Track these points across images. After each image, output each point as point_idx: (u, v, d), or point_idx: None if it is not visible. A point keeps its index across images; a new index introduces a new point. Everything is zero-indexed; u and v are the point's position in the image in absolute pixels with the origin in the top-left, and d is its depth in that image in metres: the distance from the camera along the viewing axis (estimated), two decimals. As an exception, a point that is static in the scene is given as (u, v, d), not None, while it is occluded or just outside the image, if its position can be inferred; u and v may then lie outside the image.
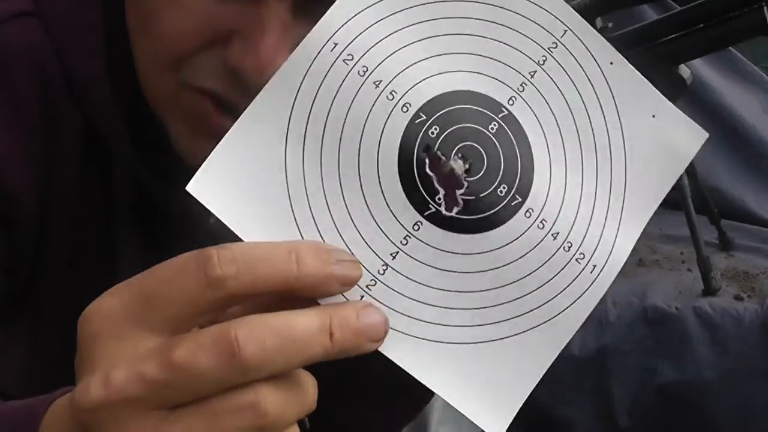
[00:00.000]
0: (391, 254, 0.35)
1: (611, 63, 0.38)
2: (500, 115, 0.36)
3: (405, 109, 0.35)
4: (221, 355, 0.28)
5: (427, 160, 0.35)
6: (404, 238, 0.35)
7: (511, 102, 0.37)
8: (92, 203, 0.49)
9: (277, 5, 0.39)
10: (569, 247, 0.37)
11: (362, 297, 0.34)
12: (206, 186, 0.32)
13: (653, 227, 1.50)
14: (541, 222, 0.37)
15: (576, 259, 0.38)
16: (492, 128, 0.36)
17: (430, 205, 0.35)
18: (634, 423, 1.24)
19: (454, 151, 0.35)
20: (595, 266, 0.38)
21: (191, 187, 0.32)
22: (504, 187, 0.36)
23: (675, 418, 1.23)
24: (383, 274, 0.35)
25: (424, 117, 0.35)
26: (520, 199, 0.36)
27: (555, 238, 0.37)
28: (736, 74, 1.66)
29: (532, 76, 0.37)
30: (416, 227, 0.35)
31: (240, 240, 0.32)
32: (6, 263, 0.47)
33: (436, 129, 0.35)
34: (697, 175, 1.34)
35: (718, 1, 1.10)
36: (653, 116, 0.39)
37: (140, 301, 0.30)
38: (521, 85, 0.37)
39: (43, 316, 0.50)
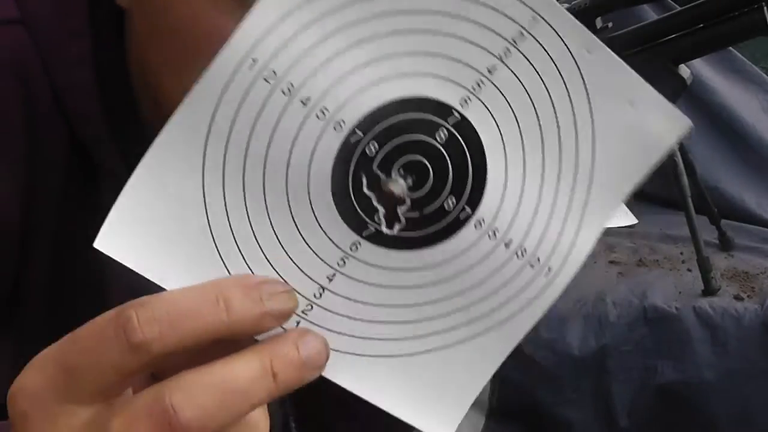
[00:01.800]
0: (327, 277, 0.32)
1: (587, 51, 0.33)
2: (451, 120, 0.32)
3: (338, 127, 0.31)
4: (158, 425, 0.26)
5: (364, 180, 0.31)
6: (341, 259, 0.32)
7: (464, 104, 0.32)
8: (78, 214, 0.48)
9: None
10: (523, 254, 0.35)
11: (298, 323, 0.32)
12: (115, 238, 0.29)
13: (653, 227, 1.50)
14: (492, 232, 0.34)
15: (530, 264, 0.35)
16: (440, 137, 0.32)
17: (369, 225, 0.32)
18: (634, 423, 1.24)
19: (395, 168, 0.32)
20: (550, 269, 0.35)
21: (98, 244, 0.29)
22: (452, 199, 0.33)
23: (675, 418, 1.23)
24: (320, 297, 0.32)
25: (360, 134, 0.31)
26: (469, 211, 0.33)
27: (507, 246, 0.34)
28: (736, 74, 1.66)
29: (491, 73, 0.32)
30: (354, 248, 0.32)
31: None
32: None
33: (374, 146, 0.31)
34: (697, 175, 1.34)
35: (718, 1, 1.10)
36: (630, 103, 0.35)
37: (63, 375, 0.28)
38: (477, 83, 0.32)
39: (27, 327, 0.49)
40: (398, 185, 0.32)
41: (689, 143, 1.36)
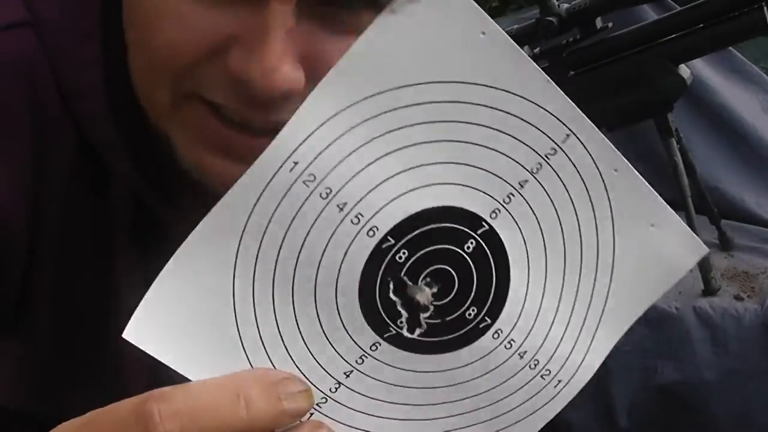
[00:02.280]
0: (344, 373, 0.33)
1: (615, 170, 0.34)
2: (479, 231, 0.33)
3: (371, 233, 0.31)
4: None
5: (391, 285, 0.32)
6: (360, 357, 0.33)
7: (494, 215, 0.33)
8: (87, 217, 0.48)
9: (280, 9, 0.37)
10: (535, 365, 0.36)
11: (311, 414, 0.32)
12: (143, 330, 0.29)
13: (653, 227, 1.50)
14: (509, 342, 0.35)
15: (541, 376, 0.36)
16: (468, 247, 0.33)
17: (391, 328, 0.32)
18: (634, 423, 1.24)
19: (422, 277, 0.32)
20: (560, 381, 0.36)
21: (127, 335, 0.29)
22: (473, 310, 0.33)
23: (675, 418, 1.23)
24: (335, 392, 0.33)
25: (392, 241, 0.31)
26: (489, 321, 0.34)
27: (521, 357, 0.35)
28: (736, 74, 1.66)
29: (522, 186, 0.33)
30: (374, 348, 0.33)
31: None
32: None
33: (404, 253, 0.32)
34: (697, 175, 1.34)
35: (718, 1, 1.10)
36: (652, 226, 0.35)
37: None
38: (508, 196, 0.33)
39: (35, 330, 0.49)
40: (424, 294, 0.32)
41: (689, 143, 1.36)
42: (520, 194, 0.33)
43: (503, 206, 0.33)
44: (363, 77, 0.30)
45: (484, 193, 0.32)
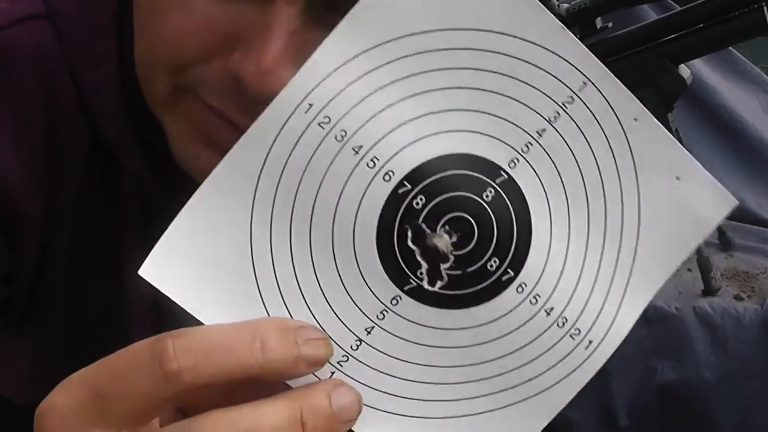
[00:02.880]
0: (365, 329, 0.32)
1: (635, 119, 0.34)
2: (498, 180, 0.33)
3: (387, 177, 0.31)
4: None
5: (409, 233, 0.32)
6: (381, 312, 0.32)
7: (512, 165, 0.33)
8: (98, 212, 0.48)
9: (285, 11, 0.37)
10: (563, 323, 0.35)
11: (333, 374, 0.32)
12: (160, 268, 0.30)
13: (653, 227, 1.50)
14: (534, 297, 0.34)
15: (570, 335, 0.35)
16: (487, 196, 0.32)
17: (411, 280, 0.32)
18: (634, 423, 1.24)
19: (440, 224, 0.32)
20: (590, 342, 0.35)
21: (143, 272, 0.29)
22: (495, 261, 0.33)
23: (675, 418, 1.23)
24: (356, 349, 0.32)
25: (409, 186, 0.31)
26: (512, 274, 0.33)
27: (548, 314, 0.34)
28: (736, 74, 1.66)
29: (540, 135, 0.33)
30: (394, 302, 0.32)
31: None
32: (6, 272, 0.46)
33: (421, 199, 0.32)
34: (697, 175, 1.34)
35: (718, 1, 1.10)
36: (677, 178, 0.34)
37: (94, 398, 0.28)
38: (526, 145, 0.33)
39: (45, 325, 0.49)
40: (443, 241, 0.32)
41: (689, 143, 1.36)
42: (539, 143, 0.33)
43: (522, 155, 0.33)
44: (380, 22, 0.30)
45: (502, 141, 0.32)
